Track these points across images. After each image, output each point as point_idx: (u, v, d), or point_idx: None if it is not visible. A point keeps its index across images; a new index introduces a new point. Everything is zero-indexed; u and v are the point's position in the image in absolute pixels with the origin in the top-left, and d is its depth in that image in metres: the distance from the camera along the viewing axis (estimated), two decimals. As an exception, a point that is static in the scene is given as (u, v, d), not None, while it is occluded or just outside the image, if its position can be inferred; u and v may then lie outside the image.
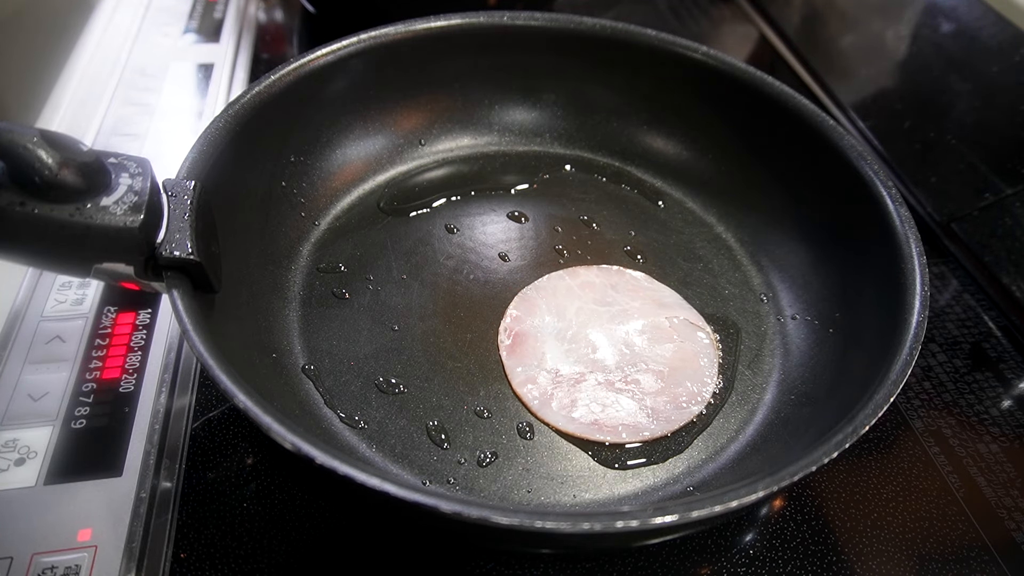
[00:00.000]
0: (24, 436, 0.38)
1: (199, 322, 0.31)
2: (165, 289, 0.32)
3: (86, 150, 0.30)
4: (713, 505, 0.27)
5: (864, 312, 0.41)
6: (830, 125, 0.45)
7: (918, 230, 0.39)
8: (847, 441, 0.30)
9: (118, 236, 0.30)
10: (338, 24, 0.58)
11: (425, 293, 0.46)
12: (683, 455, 0.40)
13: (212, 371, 0.29)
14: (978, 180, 0.57)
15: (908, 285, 0.37)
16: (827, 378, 0.41)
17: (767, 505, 0.40)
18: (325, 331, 0.44)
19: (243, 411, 0.28)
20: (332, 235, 0.49)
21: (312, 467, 0.27)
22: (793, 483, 0.29)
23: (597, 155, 0.57)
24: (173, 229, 0.33)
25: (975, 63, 0.61)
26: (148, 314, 0.45)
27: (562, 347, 0.44)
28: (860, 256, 0.43)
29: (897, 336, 0.35)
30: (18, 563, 0.34)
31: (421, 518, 0.34)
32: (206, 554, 0.36)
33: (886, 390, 0.32)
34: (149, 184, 0.32)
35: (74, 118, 0.60)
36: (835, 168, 0.45)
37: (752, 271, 0.50)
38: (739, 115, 0.51)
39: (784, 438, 0.39)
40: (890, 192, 0.41)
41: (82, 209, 0.30)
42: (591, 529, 0.26)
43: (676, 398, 0.42)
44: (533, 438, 0.40)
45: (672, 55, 0.51)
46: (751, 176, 0.51)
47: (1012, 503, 0.41)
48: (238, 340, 0.38)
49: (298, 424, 0.29)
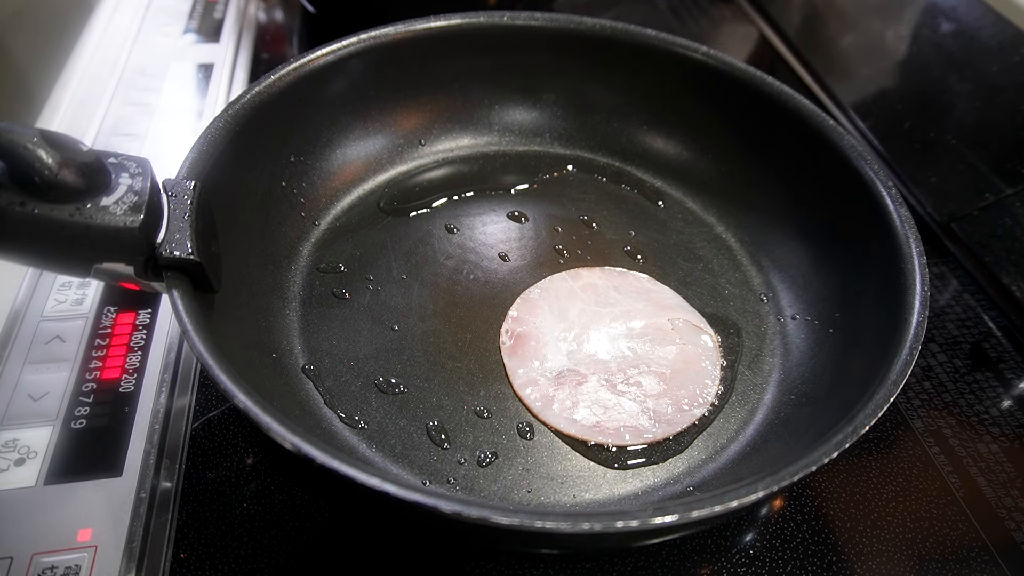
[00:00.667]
0: (24, 436, 0.38)
1: (199, 322, 0.31)
2: (165, 289, 0.32)
3: (86, 150, 0.30)
4: (713, 505, 0.27)
5: (864, 312, 0.41)
6: (830, 125, 0.45)
7: (918, 230, 0.39)
8: (847, 441, 0.30)
9: (118, 236, 0.31)
10: (338, 24, 0.58)
11: (425, 293, 0.46)
12: (683, 455, 0.40)
13: (212, 371, 0.29)
14: (978, 180, 0.57)
15: (908, 285, 0.37)
16: (827, 378, 0.41)
17: (767, 505, 0.40)
18: (325, 331, 0.44)
19: (243, 411, 0.28)
20: (332, 235, 0.49)
21: (312, 467, 0.27)
22: (793, 483, 0.29)
23: (597, 155, 0.57)
24: (173, 229, 0.33)
25: (975, 63, 0.61)
26: (148, 314, 0.45)
27: (564, 349, 0.44)
28: (860, 256, 0.43)
29: (897, 336, 0.35)
30: (18, 563, 0.34)
31: (421, 518, 0.34)
32: (206, 554, 0.36)
33: (886, 390, 0.32)
34: (149, 184, 0.32)
35: (74, 118, 0.60)
36: (835, 168, 0.45)
37: (752, 271, 0.50)
38: (739, 115, 0.51)
39: (784, 438, 0.39)
40: (890, 192, 0.41)
41: (82, 209, 0.30)
42: (591, 529, 0.26)
43: (678, 400, 0.42)
44: (533, 438, 0.40)
45: (672, 55, 0.51)
46: (751, 176, 0.51)
47: (1012, 503, 0.41)
48: (238, 340, 0.38)
49: (298, 424, 0.29)
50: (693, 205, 0.54)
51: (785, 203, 0.49)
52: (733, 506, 0.27)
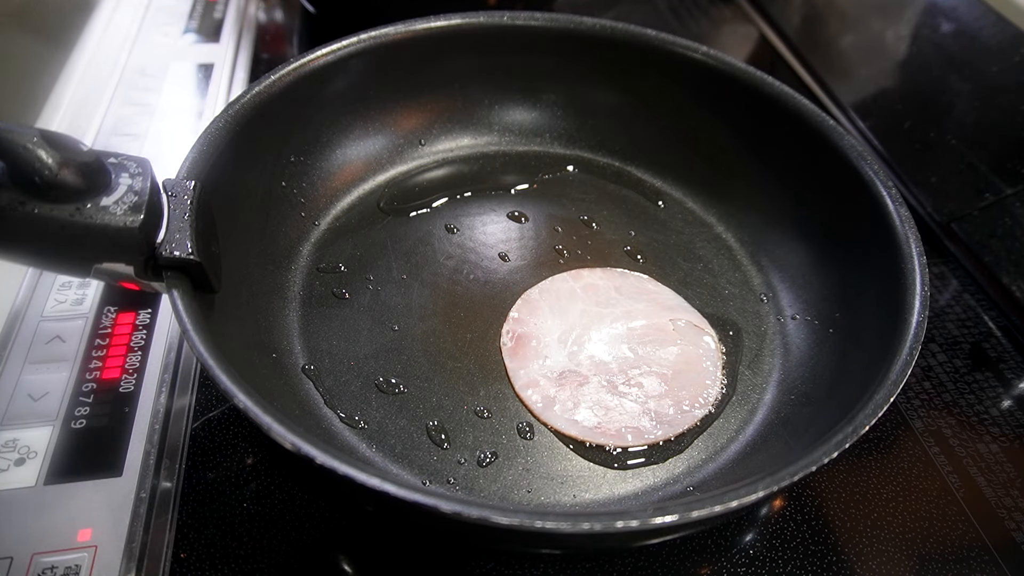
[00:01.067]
0: (24, 436, 0.38)
1: (199, 322, 0.31)
2: (165, 289, 0.32)
3: (86, 150, 0.30)
4: (713, 505, 0.27)
5: (864, 312, 0.41)
6: (830, 125, 0.45)
7: (918, 230, 0.39)
8: (847, 441, 0.30)
9: (118, 236, 0.31)
10: (338, 24, 0.58)
11: (425, 293, 0.46)
12: (683, 455, 0.40)
13: (212, 371, 0.29)
14: (978, 180, 0.57)
15: (908, 285, 0.37)
16: (827, 378, 0.41)
17: (767, 505, 0.40)
18: (325, 331, 0.44)
19: (243, 411, 0.28)
20: (332, 235, 0.49)
21: (312, 467, 0.27)
22: (793, 483, 0.29)
23: (597, 155, 0.57)
24: (173, 229, 0.33)
25: (975, 63, 0.61)
26: (148, 314, 0.45)
27: (565, 349, 0.44)
28: (860, 256, 0.43)
29: (897, 336, 0.35)
30: (18, 563, 0.34)
31: (421, 518, 0.34)
32: (206, 554, 0.36)
33: (886, 390, 0.32)
34: (149, 184, 0.32)
35: (74, 118, 0.60)
36: (835, 168, 0.45)
37: (752, 271, 0.50)
38: (739, 115, 0.51)
39: (784, 438, 0.39)
40: (890, 192, 0.41)
41: (82, 209, 0.30)
42: (591, 529, 0.26)
43: (679, 401, 0.42)
44: (533, 438, 0.40)
45: (672, 55, 0.51)
46: (751, 176, 0.51)
47: (1012, 503, 0.41)
48: (238, 340, 0.38)
49: (298, 424, 0.29)
50: (693, 205, 0.54)
51: (785, 203, 0.49)
52: (733, 506, 0.27)
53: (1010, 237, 0.54)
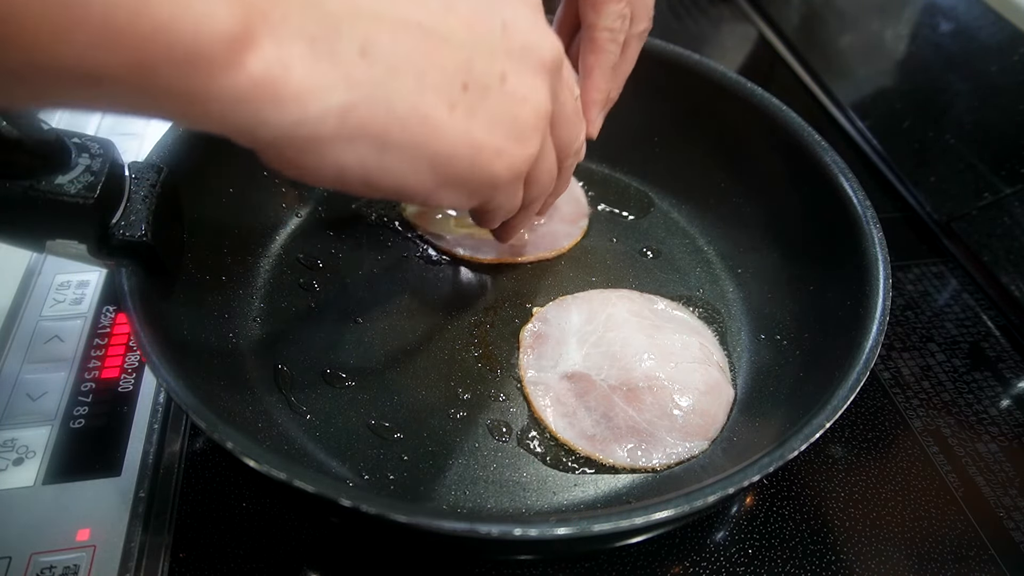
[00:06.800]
0: (23, 436, 0.38)
1: (144, 301, 0.32)
2: (115, 269, 0.33)
3: (47, 128, 0.30)
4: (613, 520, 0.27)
5: (831, 332, 0.40)
6: (815, 140, 0.45)
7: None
8: (772, 465, 0.30)
9: (70, 214, 0.31)
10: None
11: (396, 289, 0.46)
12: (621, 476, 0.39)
13: (140, 341, 0.30)
14: (977, 180, 0.57)
15: (872, 307, 0.36)
16: (783, 398, 0.40)
17: (763, 508, 0.40)
18: (290, 319, 0.43)
19: (168, 390, 0.29)
20: (311, 227, 0.49)
21: (228, 454, 0.27)
22: (708, 505, 0.28)
23: (586, 161, 0.56)
24: (130, 211, 0.33)
25: (975, 63, 0.61)
26: (147, 314, 0.45)
27: (582, 351, 0.43)
28: (832, 276, 0.42)
29: (848, 366, 0.34)
30: (17, 563, 0.34)
31: (329, 511, 0.35)
32: (205, 554, 0.36)
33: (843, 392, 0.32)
34: (108, 165, 0.32)
35: (73, 116, 0.60)
36: (816, 185, 0.44)
37: (729, 286, 0.49)
38: (730, 125, 0.50)
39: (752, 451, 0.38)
40: (867, 214, 0.40)
41: (36, 186, 0.30)
42: (488, 534, 0.26)
43: (684, 428, 0.40)
44: (498, 440, 0.39)
45: (664, 62, 0.51)
46: (737, 188, 0.51)
47: (1011, 502, 0.41)
48: (196, 322, 0.38)
49: (244, 409, 0.29)
50: (678, 216, 0.53)
51: (767, 218, 0.49)
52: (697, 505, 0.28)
53: (1009, 236, 0.54)
